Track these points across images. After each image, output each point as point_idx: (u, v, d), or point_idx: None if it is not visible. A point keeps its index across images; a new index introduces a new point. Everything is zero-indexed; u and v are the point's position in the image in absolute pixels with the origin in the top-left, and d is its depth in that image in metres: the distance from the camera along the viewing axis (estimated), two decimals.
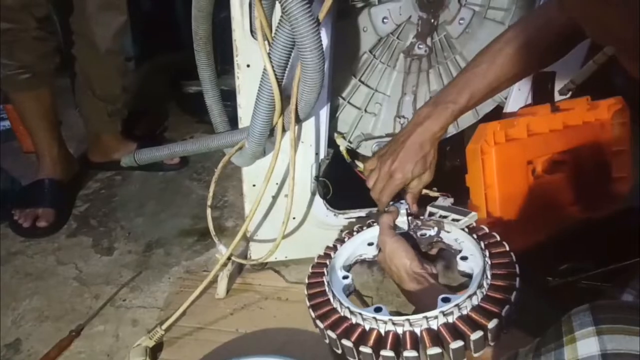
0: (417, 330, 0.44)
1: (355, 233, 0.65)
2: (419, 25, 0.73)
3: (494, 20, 0.77)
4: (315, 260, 0.62)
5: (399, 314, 0.75)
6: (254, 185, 0.78)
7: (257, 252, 0.86)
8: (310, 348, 0.72)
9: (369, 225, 0.66)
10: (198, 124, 1.52)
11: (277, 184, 0.79)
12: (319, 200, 0.82)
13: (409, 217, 0.63)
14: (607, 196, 0.86)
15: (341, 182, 0.84)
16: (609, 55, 0.55)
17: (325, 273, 0.56)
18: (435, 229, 0.60)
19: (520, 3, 0.76)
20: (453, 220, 0.59)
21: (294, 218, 0.82)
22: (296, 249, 0.86)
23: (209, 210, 0.80)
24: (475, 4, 0.75)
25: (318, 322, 0.50)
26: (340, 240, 0.64)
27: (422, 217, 0.63)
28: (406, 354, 0.42)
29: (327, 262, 0.59)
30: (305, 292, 0.56)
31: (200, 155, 1.27)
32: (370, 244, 0.62)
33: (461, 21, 0.75)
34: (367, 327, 0.46)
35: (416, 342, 0.43)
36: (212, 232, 0.80)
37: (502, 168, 0.72)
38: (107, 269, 0.92)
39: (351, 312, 0.48)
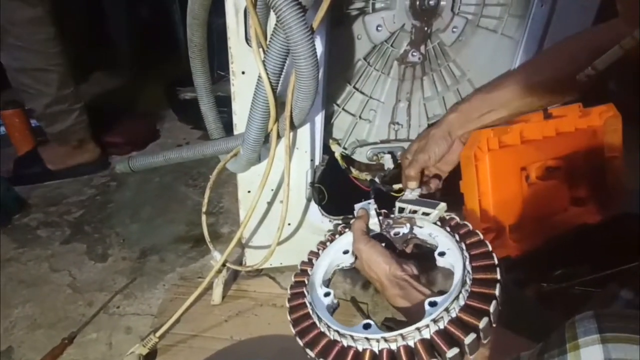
0: (411, 343, 0.42)
1: (328, 243, 0.62)
2: (412, 33, 0.74)
3: (487, 29, 0.78)
4: (293, 279, 0.58)
5: (395, 320, 0.74)
6: (249, 192, 0.78)
7: (252, 258, 0.86)
8: (305, 356, 0.72)
9: (341, 233, 0.63)
10: (193, 130, 1.52)
11: (272, 190, 0.79)
12: (314, 207, 0.82)
13: (380, 217, 0.61)
14: (601, 202, 0.86)
15: (336, 188, 0.84)
16: (638, 40, 0.54)
17: (306, 293, 0.53)
18: (408, 225, 0.58)
19: (513, 12, 0.77)
20: (423, 214, 0.57)
21: (289, 224, 0.82)
22: (291, 255, 0.86)
23: (204, 217, 0.80)
24: (468, 13, 0.76)
25: (308, 351, 0.47)
26: (315, 254, 0.61)
27: (392, 215, 0.61)
28: None
29: (306, 279, 0.56)
30: (289, 318, 0.52)
31: (195, 161, 1.27)
32: (345, 252, 0.59)
33: (454, 29, 0.76)
34: (360, 348, 0.44)
35: (412, 356, 0.42)
36: (207, 239, 0.80)
37: (496, 174, 0.72)
38: (101, 276, 0.92)
39: (340, 335, 0.45)
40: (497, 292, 0.43)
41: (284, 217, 0.73)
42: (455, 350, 0.40)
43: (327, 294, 0.53)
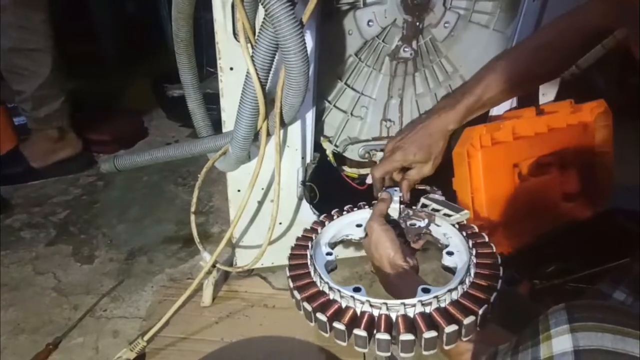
0: (393, 315, 0.44)
1: (345, 213, 0.65)
2: (404, 29, 0.73)
3: (479, 24, 0.78)
4: (302, 233, 0.61)
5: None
6: (238, 191, 0.77)
7: (243, 258, 0.84)
8: (297, 356, 0.71)
9: (360, 207, 0.65)
10: (182, 128, 1.49)
11: (262, 189, 0.77)
12: (305, 205, 0.81)
13: (401, 206, 0.63)
14: (591, 198, 0.87)
15: (328, 187, 0.83)
16: (618, 40, 0.56)
17: (310, 246, 0.56)
18: (426, 220, 0.60)
19: (505, 6, 0.76)
20: (445, 215, 0.59)
21: (280, 223, 0.81)
22: (283, 254, 0.83)
23: (192, 217, 0.78)
24: (460, 8, 0.75)
25: (295, 292, 0.50)
26: (329, 217, 0.64)
27: (414, 208, 0.63)
28: (379, 336, 0.43)
29: (313, 236, 0.59)
30: (287, 263, 0.55)
31: (184, 159, 1.25)
32: (358, 226, 0.62)
33: (446, 25, 0.75)
34: (343, 305, 0.46)
35: (390, 326, 0.43)
36: (196, 239, 0.78)
37: (489, 171, 0.72)
38: (87, 278, 0.89)
39: (330, 288, 0.48)
40: (492, 298, 0.44)
41: (275, 217, 0.71)
42: (432, 334, 0.42)
43: (328, 254, 0.56)
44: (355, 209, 0.65)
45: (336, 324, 0.44)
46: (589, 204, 0.86)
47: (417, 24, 0.73)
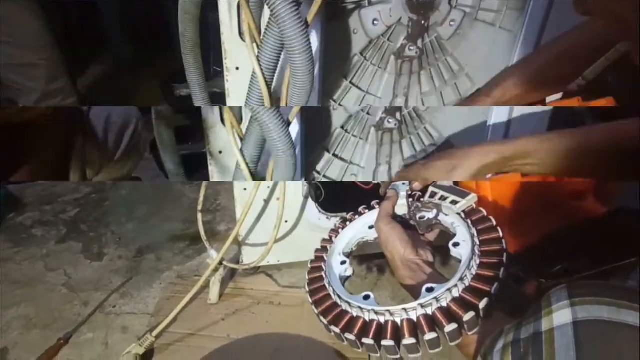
0: (398, 320, 0.45)
1: (357, 216, 0.65)
2: (409, 27, 0.73)
3: (485, 22, 0.77)
4: (320, 244, 0.63)
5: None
6: (245, 189, 0.77)
7: (249, 256, 0.85)
8: (302, 353, 0.72)
9: (372, 208, 0.66)
10: None
11: (268, 187, 0.78)
12: (311, 204, 0.81)
13: (409, 200, 0.62)
14: (599, 196, 0.86)
15: (333, 185, 0.83)
16: (622, 52, 0.56)
17: (325, 258, 0.58)
18: (435, 211, 0.59)
19: (511, 4, 0.76)
20: (452, 202, 0.58)
21: (286, 221, 0.81)
22: (289, 252, 0.85)
23: (199, 215, 0.79)
24: (466, 6, 0.74)
25: (314, 307, 0.53)
26: (343, 223, 0.65)
27: (422, 199, 0.63)
28: (384, 342, 0.44)
29: (329, 246, 0.61)
30: (306, 277, 0.58)
31: None
32: (371, 227, 0.62)
33: (452, 23, 0.74)
34: (354, 314, 0.48)
35: (397, 332, 0.45)
36: (203, 237, 0.79)
37: None
38: (97, 275, 0.91)
39: (341, 299, 0.50)
40: (493, 289, 0.44)
41: (281, 215, 0.72)
42: (433, 335, 0.43)
43: (343, 262, 0.58)
44: (367, 210, 0.65)
45: (347, 335, 0.46)
46: (597, 202, 0.85)
47: (423, 22, 0.73)
